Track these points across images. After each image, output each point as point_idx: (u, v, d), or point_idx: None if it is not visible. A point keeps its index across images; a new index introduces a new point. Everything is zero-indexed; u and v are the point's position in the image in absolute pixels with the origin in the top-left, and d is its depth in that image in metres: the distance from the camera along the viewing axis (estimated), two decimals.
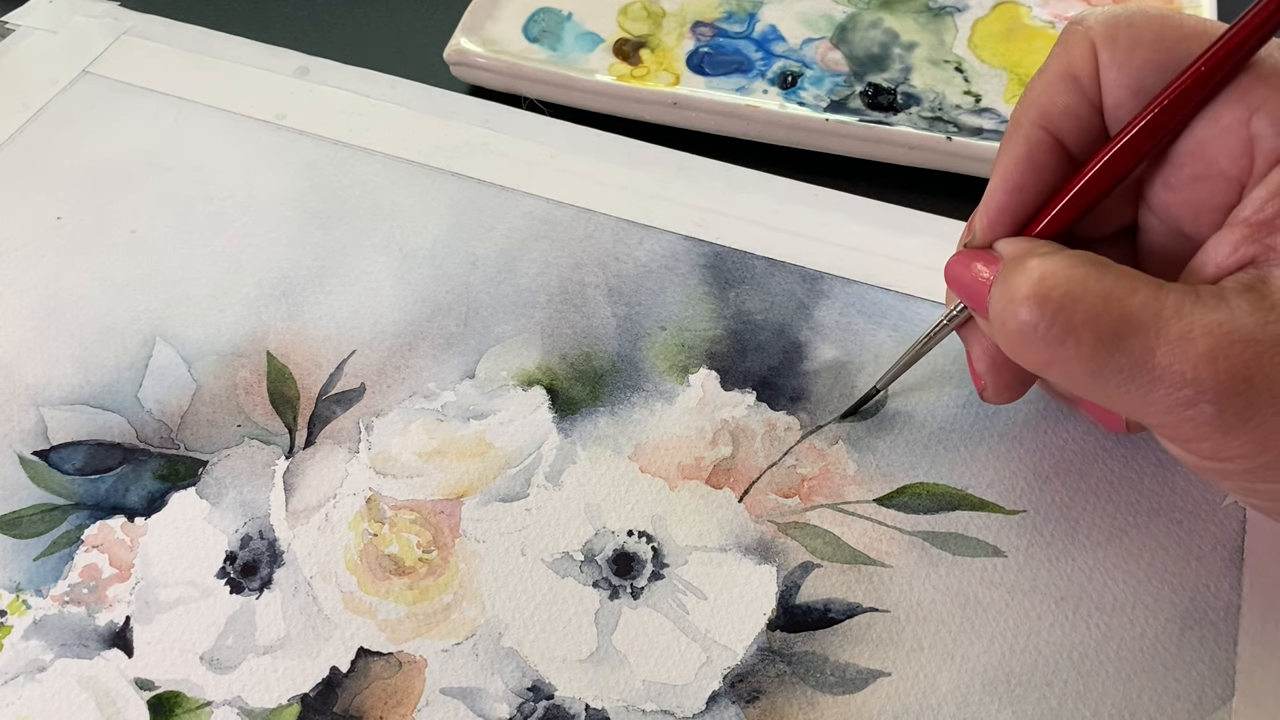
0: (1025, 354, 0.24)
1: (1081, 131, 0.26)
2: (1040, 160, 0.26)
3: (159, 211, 0.37)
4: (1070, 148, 0.26)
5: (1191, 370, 0.22)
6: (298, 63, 0.41)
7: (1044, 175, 0.26)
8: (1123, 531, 0.29)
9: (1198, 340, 0.22)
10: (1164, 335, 0.22)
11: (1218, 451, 0.23)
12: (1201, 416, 0.22)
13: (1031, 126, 0.26)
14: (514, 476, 0.31)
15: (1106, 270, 0.23)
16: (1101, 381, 0.23)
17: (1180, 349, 0.22)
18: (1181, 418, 0.22)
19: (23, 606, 0.29)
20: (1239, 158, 0.24)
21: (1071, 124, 0.26)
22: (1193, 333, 0.22)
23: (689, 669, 0.28)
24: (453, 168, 0.38)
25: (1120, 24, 0.25)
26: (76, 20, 0.43)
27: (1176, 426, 0.23)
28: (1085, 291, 0.23)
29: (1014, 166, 0.26)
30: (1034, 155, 0.26)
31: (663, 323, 0.34)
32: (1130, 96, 0.25)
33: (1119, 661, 0.27)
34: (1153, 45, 0.24)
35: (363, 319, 0.34)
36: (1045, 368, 0.24)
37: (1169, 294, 0.22)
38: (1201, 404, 0.22)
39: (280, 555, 0.30)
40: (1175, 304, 0.22)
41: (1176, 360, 0.22)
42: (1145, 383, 0.22)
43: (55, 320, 0.34)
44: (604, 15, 0.42)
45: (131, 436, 0.32)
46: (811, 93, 0.39)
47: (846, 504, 0.30)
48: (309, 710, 0.27)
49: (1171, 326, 0.22)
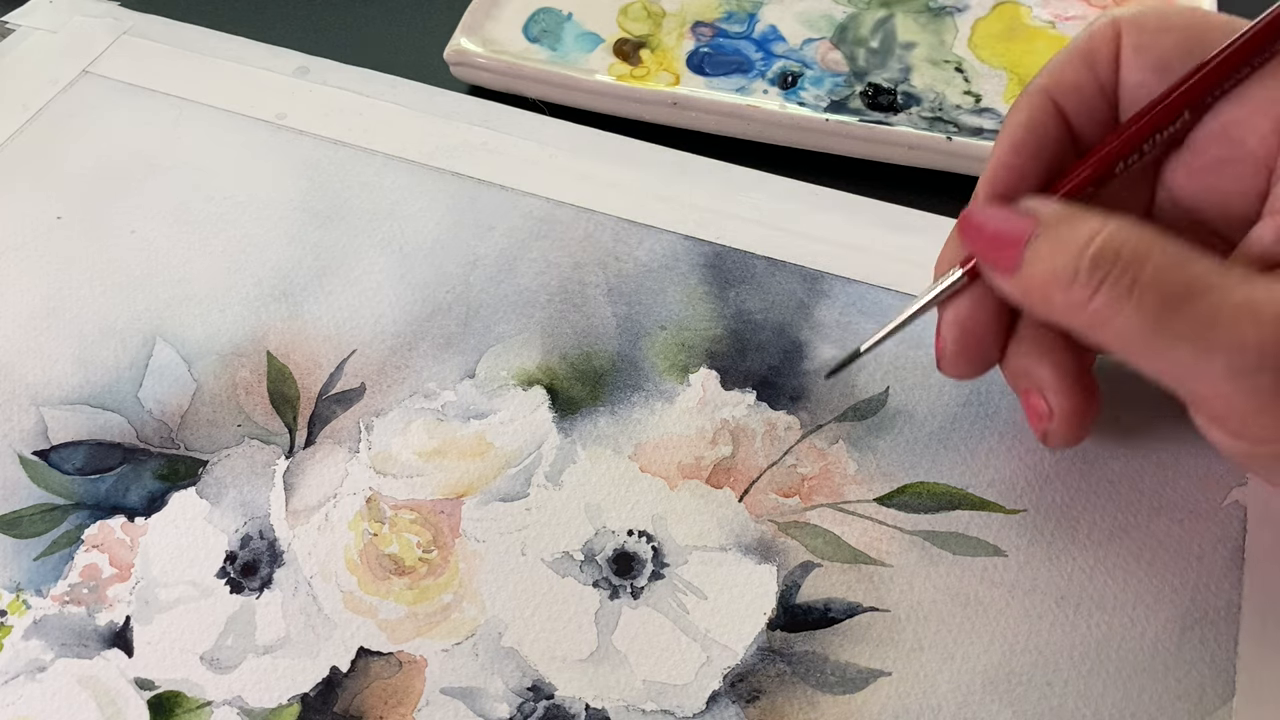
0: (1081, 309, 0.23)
1: (1083, 107, 0.26)
2: (1042, 125, 0.26)
3: (159, 211, 0.37)
4: (1072, 122, 0.27)
5: (1256, 335, 0.22)
6: (298, 63, 0.41)
7: (1044, 142, 0.26)
8: (1123, 531, 0.29)
9: (1264, 308, 0.22)
10: (1229, 301, 0.22)
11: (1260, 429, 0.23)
12: (1260, 386, 0.22)
13: (1040, 94, 0.27)
14: (514, 476, 0.31)
15: (1168, 235, 0.23)
16: (1160, 340, 0.23)
17: (1248, 313, 0.22)
18: (1238, 386, 0.22)
19: (23, 606, 0.29)
20: (1267, 137, 0.24)
21: (1075, 98, 0.26)
22: (1259, 300, 0.22)
23: (689, 669, 0.27)
24: (453, 168, 0.38)
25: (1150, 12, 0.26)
26: (76, 20, 0.43)
27: (1230, 397, 0.23)
28: (1155, 250, 0.23)
29: (1018, 130, 0.27)
30: (1037, 121, 0.26)
31: (663, 322, 0.34)
32: (1153, 74, 0.25)
33: (1119, 661, 0.27)
34: (1183, 30, 0.25)
35: (363, 319, 0.34)
36: (1098, 325, 0.23)
37: (1232, 266, 0.22)
38: (1262, 373, 0.22)
39: (280, 555, 0.30)
40: (1240, 275, 0.22)
41: (1242, 324, 0.22)
42: (1205, 347, 0.22)
43: (55, 320, 0.34)
44: (604, 15, 0.42)
45: (131, 436, 0.32)
46: (811, 93, 0.39)
47: (847, 503, 0.30)
48: (309, 710, 0.27)
49: (1238, 292, 0.22)
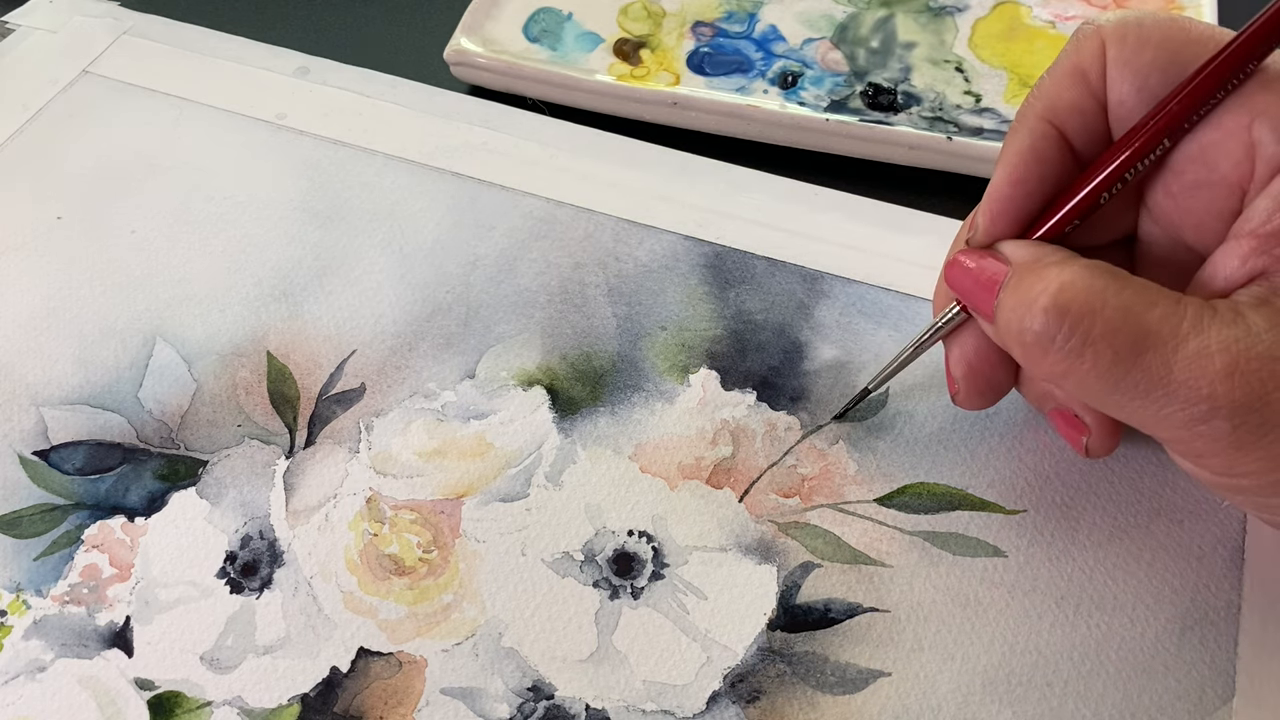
0: (1040, 364, 0.24)
1: (1086, 127, 0.26)
2: (1044, 153, 0.26)
3: (159, 211, 0.37)
4: (1074, 143, 0.26)
5: (1208, 386, 0.22)
6: (298, 63, 0.41)
7: (1047, 169, 0.26)
8: (1123, 531, 0.29)
9: (1215, 356, 0.22)
10: (1181, 350, 0.22)
11: (1230, 468, 0.23)
12: (1216, 433, 0.22)
13: (1037, 120, 0.26)
14: (514, 476, 0.31)
15: (1126, 282, 0.23)
16: (1117, 395, 0.23)
17: (1197, 365, 0.22)
18: (1195, 433, 0.22)
19: (23, 606, 0.29)
20: (1240, 162, 0.24)
21: (1076, 119, 0.26)
22: (1210, 348, 0.22)
23: (689, 669, 0.27)
24: (453, 168, 0.38)
25: (1130, 24, 0.25)
26: (76, 20, 0.43)
27: (1190, 442, 0.23)
28: (1104, 304, 0.23)
29: (1018, 159, 0.26)
30: (1038, 147, 0.26)
31: (663, 322, 0.34)
32: (1134, 94, 0.25)
33: (1119, 661, 0.27)
34: (1159, 46, 0.25)
35: (363, 319, 0.34)
36: (1060, 378, 0.24)
37: (1187, 308, 0.22)
38: (1216, 420, 0.22)
39: (280, 555, 0.30)
40: (1193, 319, 0.22)
41: (1193, 376, 0.22)
42: (1161, 397, 0.22)
43: (55, 320, 0.34)
44: (604, 15, 0.42)
45: (132, 436, 0.32)
46: (812, 93, 0.39)
47: (847, 504, 0.30)
48: (309, 710, 0.27)
49: (1190, 342, 0.22)
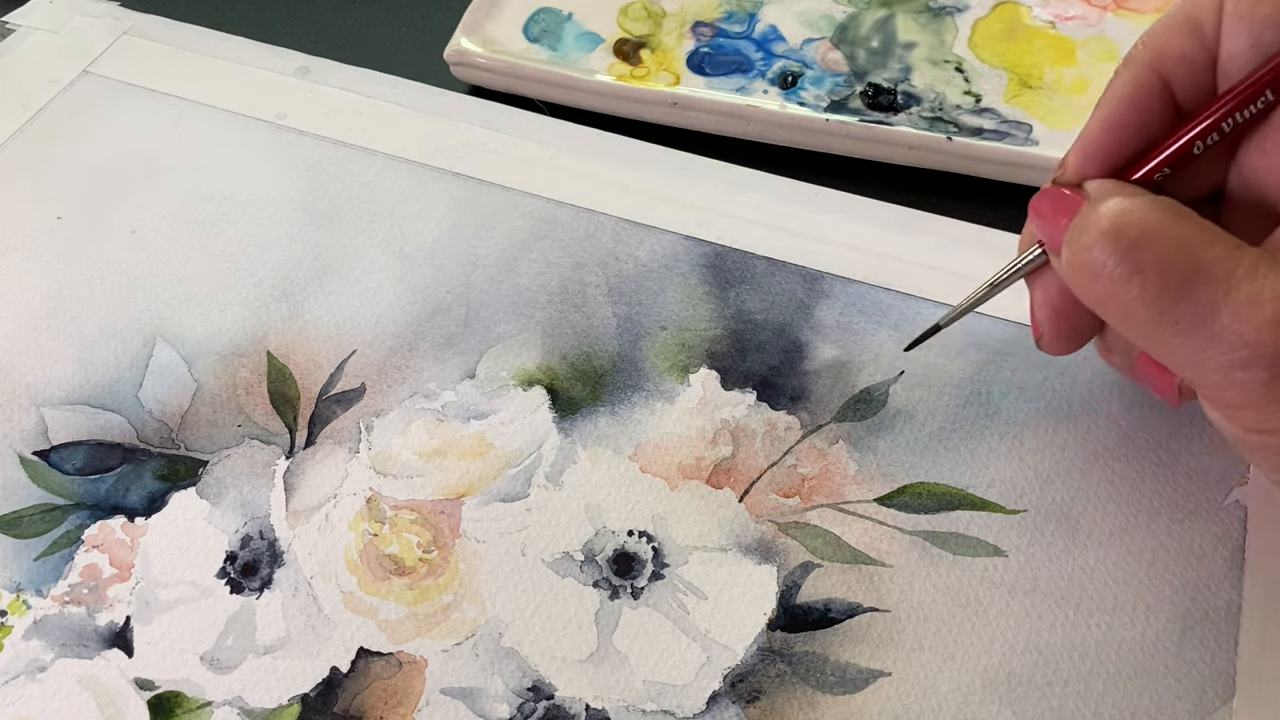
0: (1089, 288, 0.24)
1: (1192, 79, 0.25)
2: (1145, 102, 0.25)
3: (159, 211, 0.37)
4: (1177, 94, 0.25)
5: (1254, 333, 0.21)
6: (298, 63, 0.41)
7: (1146, 118, 0.25)
8: (1123, 531, 0.29)
9: (1266, 304, 0.21)
10: (1233, 292, 0.22)
11: (1261, 421, 0.23)
12: (1252, 381, 0.22)
13: (1143, 67, 0.25)
14: (514, 476, 0.31)
15: (1187, 218, 0.23)
16: (1160, 329, 0.23)
17: (1246, 309, 0.21)
18: (1232, 379, 0.22)
19: (23, 606, 0.29)
20: None
21: (1184, 70, 0.25)
22: (1262, 295, 0.21)
23: (689, 669, 0.27)
24: (453, 168, 0.38)
25: None
26: (76, 20, 0.43)
27: (1225, 389, 0.23)
28: (1161, 234, 0.22)
29: (1118, 105, 0.25)
30: (1139, 96, 0.25)
31: (663, 322, 0.34)
32: (1247, 49, 0.24)
33: (1119, 661, 0.27)
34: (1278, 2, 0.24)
35: (363, 319, 0.34)
36: (1106, 305, 0.24)
37: (1246, 253, 0.22)
38: (1255, 368, 0.21)
39: (280, 555, 0.30)
40: (1251, 264, 0.22)
41: (1240, 320, 0.21)
42: (1204, 337, 0.22)
43: (55, 320, 0.34)
44: (604, 15, 0.42)
45: (132, 436, 0.32)
46: (812, 93, 0.39)
47: (847, 504, 0.30)
48: (309, 710, 0.27)
49: (1243, 286, 0.21)
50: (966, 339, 0.33)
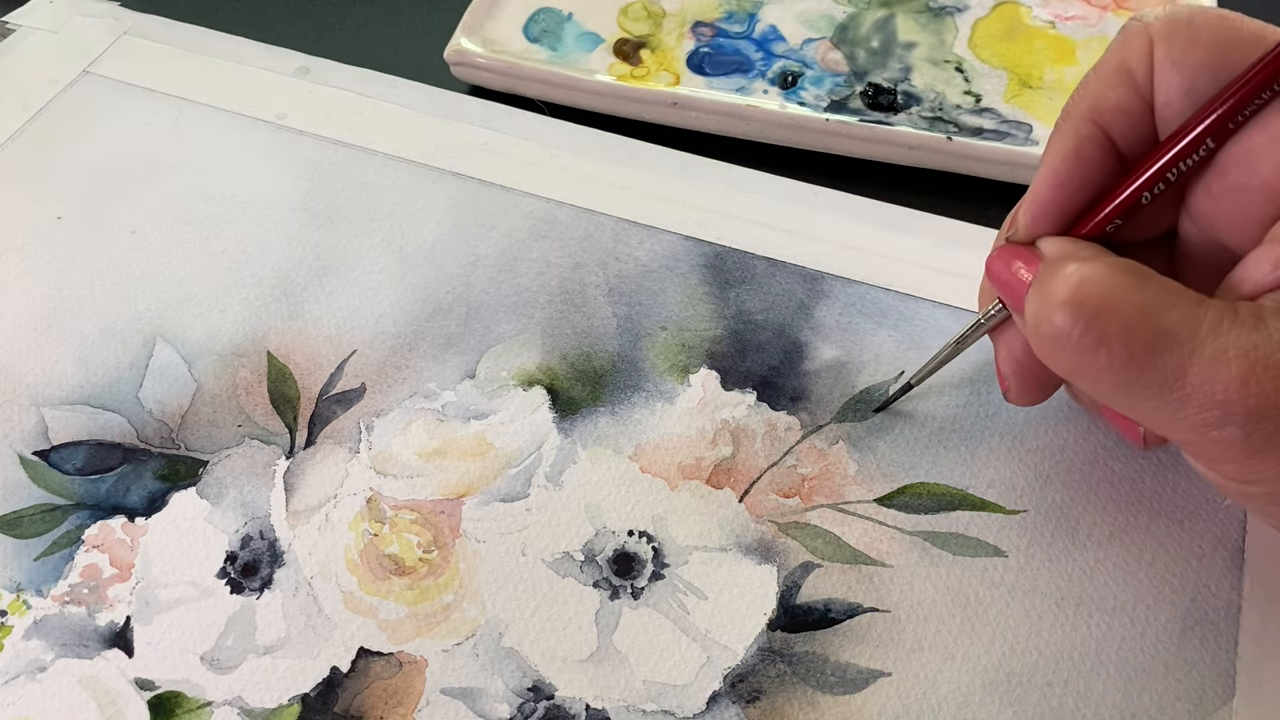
0: (1056, 360, 0.24)
1: (1132, 128, 0.25)
2: (1088, 155, 0.25)
3: (159, 211, 0.37)
4: (1119, 144, 0.25)
5: (1222, 392, 0.21)
6: (298, 63, 0.41)
7: (1091, 171, 0.25)
8: (1123, 531, 0.29)
9: (1232, 362, 0.21)
10: (1198, 354, 0.21)
11: (1242, 474, 0.23)
12: (1228, 439, 0.22)
13: (1082, 120, 0.25)
14: (514, 476, 0.31)
15: (1147, 281, 0.23)
16: (1130, 395, 0.23)
17: (1213, 370, 0.21)
18: (1208, 438, 0.22)
19: (23, 606, 0.29)
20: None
21: (1122, 120, 0.25)
22: (1228, 354, 0.21)
23: (689, 669, 0.28)
24: (453, 168, 0.38)
25: (1180, 22, 0.24)
26: (76, 20, 0.43)
27: (1203, 446, 0.23)
28: (1123, 302, 0.22)
29: (1061, 161, 0.25)
30: (1082, 149, 0.25)
31: (663, 323, 0.34)
32: (1181, 97, 0.24)
33: (1119, 662, 0.27)
34: (1209, 47, 0.24)
35: (363, 319, 0.34)
36: (1075, 375, 0.24)
37: (1208, 310, 0.22)
38: (1229, 427, 0.22)
39: (281, 555, 0.30)
40: (1213, 322, 0.22)
41: (1208, 381, 0.21)
42: (1175, 400, 0.22)
43: (55, 320, 0.34)
44: (604, 15, 0.42)
45: (132, 436, 0.32)
46: (811, 93, 0.39)
47: (847, 504, 0.30)
48: (309, 710, 0.27)
49: (1207, 346, 0.21)
50: None
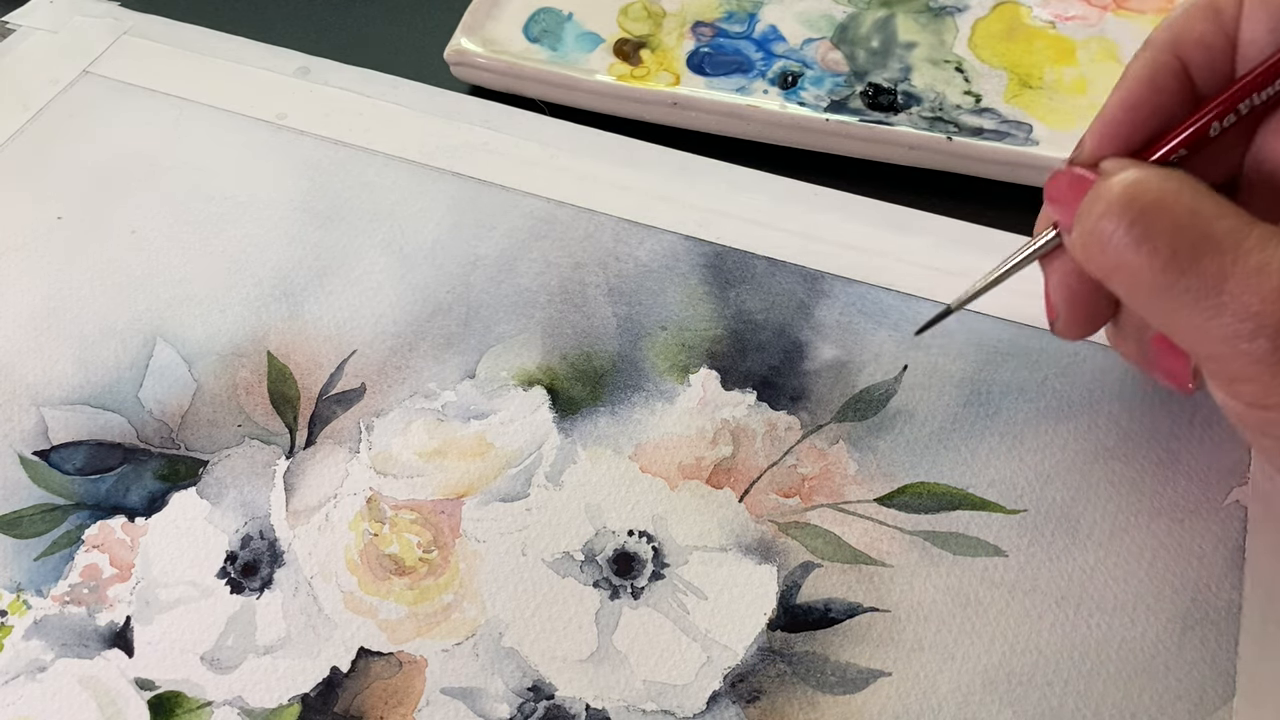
0: (1098, 258, 0.24)
1: (1210, 64, 0.25)
2: (1163, 84, 0.25)
3: (159, 211, 0.37)
4: (1196, 79, 0.26)
5: (1260, 303, 0.21)
6: (298, 63, 0.41)
7: (1164, 99, 0.26)
8: (1123, 531, 0.29)
9: (1274, 275, 0.21)
10: (1241, 263, 0.22)
11: (1264, 395, 0.23)
12: (1257, 352, 0.22)
13: (1162, 49, 0.26)
14: (514, 476, 0.31)
15: (1200, 191, 0.23)
16: (1166, 298, 0.23)
17: (1254, 280, 0.21)
18: (1236, 351, 0.22)
19: (23, 606, 0.29)
20: None
21: (1202, 54, 0.25)
22: (1270, 266, 0.21)
23: (689, 669, 0.28)
24: (453, 168, 0.38)
25: None
26: (76, 20, 0.43)
27: (1229, 361, 0.23)
28: (1174, 203, 0.22)
29: (1136, 85, 0.26)
30: (1157, 78, 0.25)
31: (663, 322, 0.34)
32: (1266, 35, 0.25)
33: (1120, 661, 0.27)
34: None
35: (363, 319, 0.34)
36: (1112, 274, 0.24)
37: (1257, 227, 0.22)
38: (1260, 339, 0.22)
39: (281, 555, 0.30)
40: (1261, 237, 0.22)
41: (1247, 290, 0.21)
42: (1210, 307, 0.22)
43: (55, 320, 0.34)
44: (604, 15, 0.42)
45: (132, 436, 0.32)
46: (812, 93, 0.39)
47: (847, 504, 0.30)
48: (309, 710, 0.27)
49: (1252, 256, 0.22)
50: (967, 339, 0.33)
